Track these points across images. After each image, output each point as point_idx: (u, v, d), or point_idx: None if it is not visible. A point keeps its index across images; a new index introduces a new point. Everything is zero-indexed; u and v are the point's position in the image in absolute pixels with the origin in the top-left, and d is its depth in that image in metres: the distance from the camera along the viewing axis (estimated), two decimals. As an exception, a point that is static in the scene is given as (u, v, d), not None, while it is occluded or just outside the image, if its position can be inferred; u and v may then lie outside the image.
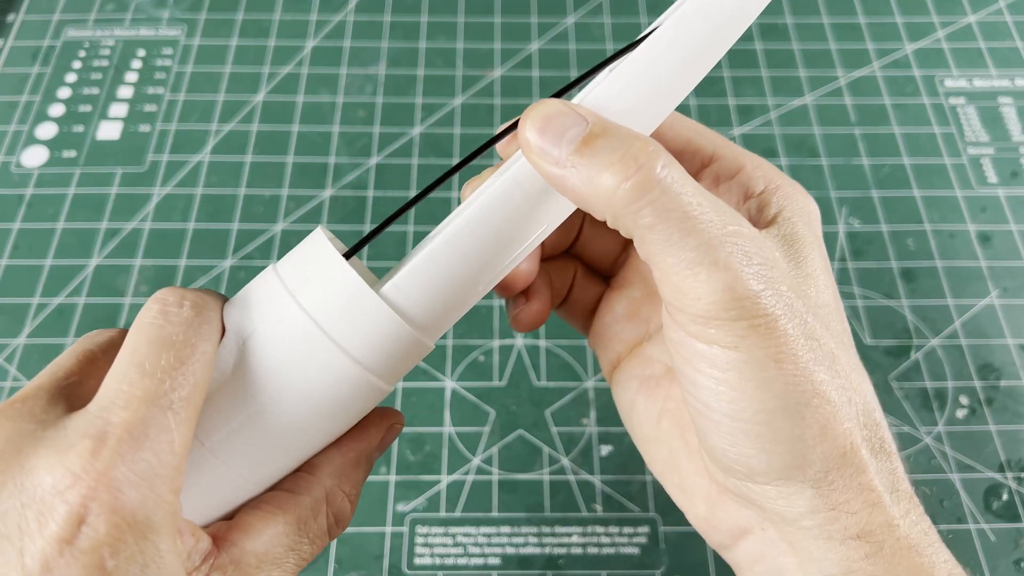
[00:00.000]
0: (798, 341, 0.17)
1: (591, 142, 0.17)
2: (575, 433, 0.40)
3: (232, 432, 0.18)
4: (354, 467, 0.20)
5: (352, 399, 0.19)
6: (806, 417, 0.17)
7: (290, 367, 0.18)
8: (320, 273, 0.18)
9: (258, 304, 0.18)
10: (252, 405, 0.18)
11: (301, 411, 0.18)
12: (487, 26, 0.54)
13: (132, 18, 0.54)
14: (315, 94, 0.51)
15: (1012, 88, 0.51)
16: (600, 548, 0.37)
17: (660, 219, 0.16)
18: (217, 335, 0.18)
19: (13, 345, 0.42)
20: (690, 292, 0.16)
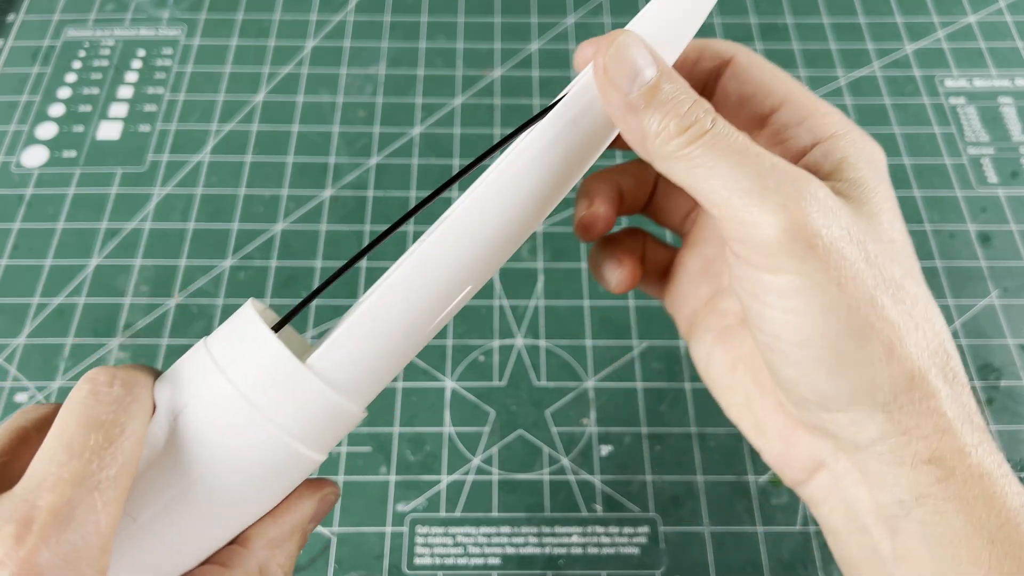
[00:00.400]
0: (858, 265, 0.17)
1: (659, 88, 0.18)
2: (575, 433, 0.40)
3: (164, 507, 0.18)
4: (288, 538, 0.20)
5: (283, 471, 0.19)
6: (871, 339, 0.17)
7: (221, 442, 0.18)
8: (249, 347, 0.19)
9: (189, 380, 0.19)
10: (183, 480, 0.18)
11: (233, 485, 0.18)
12: (487, 26, 0.54)
13: (132, 18, 0.54)
14: (315, 94, 0.51)
15: (1012, 88, 0.51)
16: (600, 548, 0.37)
17: (714, 157, 0.17)
18: (148, 412, 0.18)
19: (13, 345, 0.42)
20: (748, 220, 0.17)
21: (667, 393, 0.41)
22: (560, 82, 0.51)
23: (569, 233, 0.46)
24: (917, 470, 0.18)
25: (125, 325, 0.42)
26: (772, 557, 0.37)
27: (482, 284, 0.21)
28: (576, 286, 0.44)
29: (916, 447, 0.18)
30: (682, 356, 0.42)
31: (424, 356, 0.42)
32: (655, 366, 0.42)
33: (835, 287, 0.17)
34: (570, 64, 0.52)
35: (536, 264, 0.45)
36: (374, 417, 0.40)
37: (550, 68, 0.52)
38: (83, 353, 0.41)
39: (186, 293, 0.43)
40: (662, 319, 0.43)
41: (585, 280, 0.44)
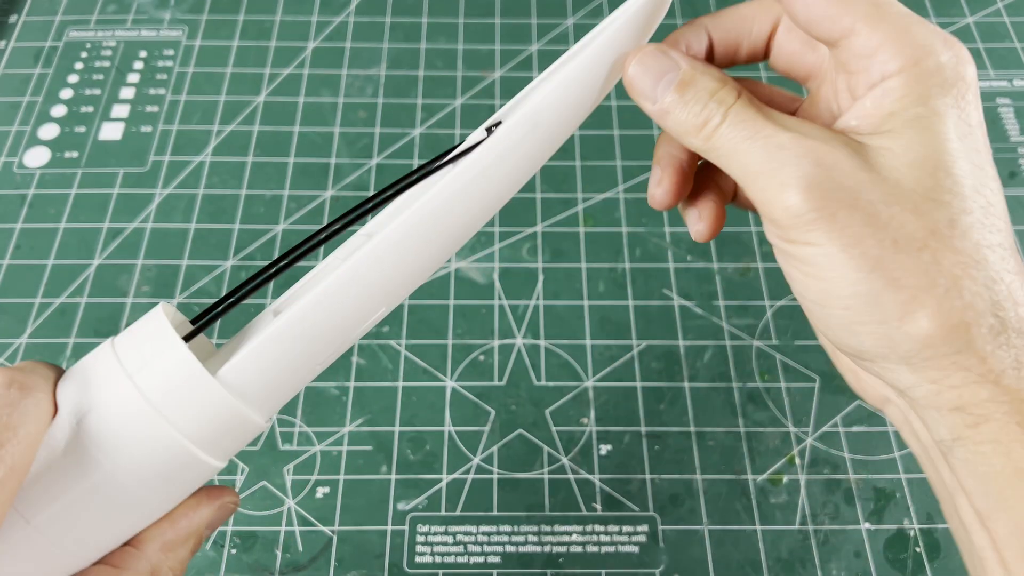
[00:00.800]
0: (865, 231, 0.18)
1: (684, 88, 0.20)
2: (575, 432, 0.40)
3: (60, 509, 0.18)
4: (182, 542, 0.20)
5: (182, 477, 0.19)
6: (883, 302, 0.19)
7: (125, 447, 0.18)
8: (157, 353, 0.19)
9: (95, 382, 0.19)
10: (82, 483, 0.18)
11: (131, 488, 0.18)
12: (487, 27, 0.54)
13: (134, 19, 0.54)
14: (316, 95, 0.51)
15: (1010, 89, 0.51)
16: (600, 547, 0.37)
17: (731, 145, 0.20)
18: (46, 415, 0.18)
19: (15, 345, 0.42)
20: (761, 200, 0.19)
21: (666, 392, 0.41)
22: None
23: (569, 233, 0.46)
24: (952, 415, 0.19)
25: (127, 325, 0.43)
26: (771, 556, 0.37)
27: (395, 306, 0.21)
28: (576, 286, 0.44)
29: (948, 396, 0.19)
30: (681, 355, 0.42)
31: (424, 356, 0.42)
32: (654, 366, 0.42)
33: (843, 255, 0.18)
34: (570, 65, 0.52)
35: (536, 264, 0.45)
36: (375, 417, 0.40)
37: (550, 69, 0.52)
38: (85, 353, 0.42)
39: (188, 293, 0.44)
40: (661, 319, 0.43)
41: (585, 280, 0.44)
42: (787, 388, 0.41)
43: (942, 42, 0.20)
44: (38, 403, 0.18)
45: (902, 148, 0.19)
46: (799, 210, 0.19)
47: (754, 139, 0.19)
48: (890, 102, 0.19)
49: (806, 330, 0.43)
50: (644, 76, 0.21)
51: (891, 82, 0.19)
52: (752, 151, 0.19)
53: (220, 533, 0.37)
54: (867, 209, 0.19)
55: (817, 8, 0.20)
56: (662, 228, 0.46)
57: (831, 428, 0.40)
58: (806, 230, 0.19)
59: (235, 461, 0.39)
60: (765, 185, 0.19)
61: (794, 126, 0.20)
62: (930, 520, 0.38)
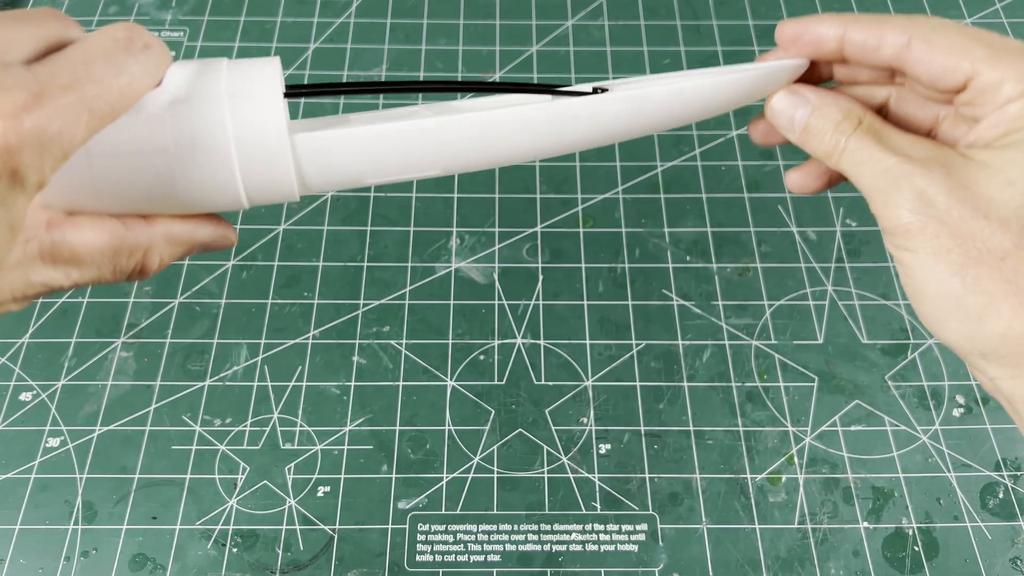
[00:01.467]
0: (952, 242, 0.21)
1: (811, 126, 0.24)
2: (574, 432, 0.40)
3: (116, 160, 0.21)
4: (181, 242, 0.23)
5: (215, 193, 0.22)
6: (965, 303, 0.21)
7: (190, 144, 0.21)
8: (257, 95, 0.21)
9: (200, 82, 0.21)
10: (145, 152, 0.21)
11: (176, 178, 0.21)
12: (487, 28, 0.54)
13: (135, 20, 0.54)
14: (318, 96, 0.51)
15: (1009, 90, 0.51)
16: (599, 545, 0.37)
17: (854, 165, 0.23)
18: (153, 80, 0.20)
19: (17, 344, 0.42)
20: (876, 214, 0.23)
21: (665, 392, 0.41)
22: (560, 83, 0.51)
23: (569, 233, 0.46)
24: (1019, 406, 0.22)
25: (128, 325, 0.43)
26: (769, 555, 0.37)
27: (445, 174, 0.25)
28: (575, 286, 0.44)
29: (1018, 391, 0.22)
30: (680, 355, 0.42)
31: (425, 355, 0.42)
32: (653, 365, 0.42)
33: (932, 262, 0.22)
34: (569, 65, 0.52)
35: (536, 264, 0.45)
36: (376, 416, 0.40)
37: (550, 70, 0.52)
38: (87, 353, 0.42)
39: (189, 293, 0.44)
40: (660, 319, 0.43)
41: (584, 280, 0.45)
42: (786, 388, 0.41)
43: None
44: (151, 65, 0.20)
45: (1002, 165, 0.21)
46: (895, 223, 0.22)
47: (866, 164, 0.23)
48: (1005, 123, 0.22)
49: (805, 330, 0.43)
50: (782, 114, 0.25)
51: (1011, 106, 0.21)
52: (865, 174, 0.23)
53: (222, 532, 0.37)
54: (955, 223, 0.21)
55: (936, 64, 0.22)
56: (661, 228, 0.46)
57: (830, 427, 0.40)
58: (905, 240, 0.22)
59: (236, 461, 0.39)
60: (875, 200, 0.23)
61: (903, 148, 0.23)
62: (928, 519, 0.38)
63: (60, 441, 0.40)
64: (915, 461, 0.39)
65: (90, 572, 0.37)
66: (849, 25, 0.24)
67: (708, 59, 0.53)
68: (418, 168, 0.24)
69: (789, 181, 0.28)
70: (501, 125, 0.24)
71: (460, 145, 0.24)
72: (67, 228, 0.21)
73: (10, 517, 0.38)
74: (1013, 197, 0.21)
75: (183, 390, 0.41)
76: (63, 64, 0.18)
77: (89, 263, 0.21)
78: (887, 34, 0.23)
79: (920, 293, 0.23)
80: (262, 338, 0.43)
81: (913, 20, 0.23)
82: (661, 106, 0.25)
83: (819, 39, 0.24)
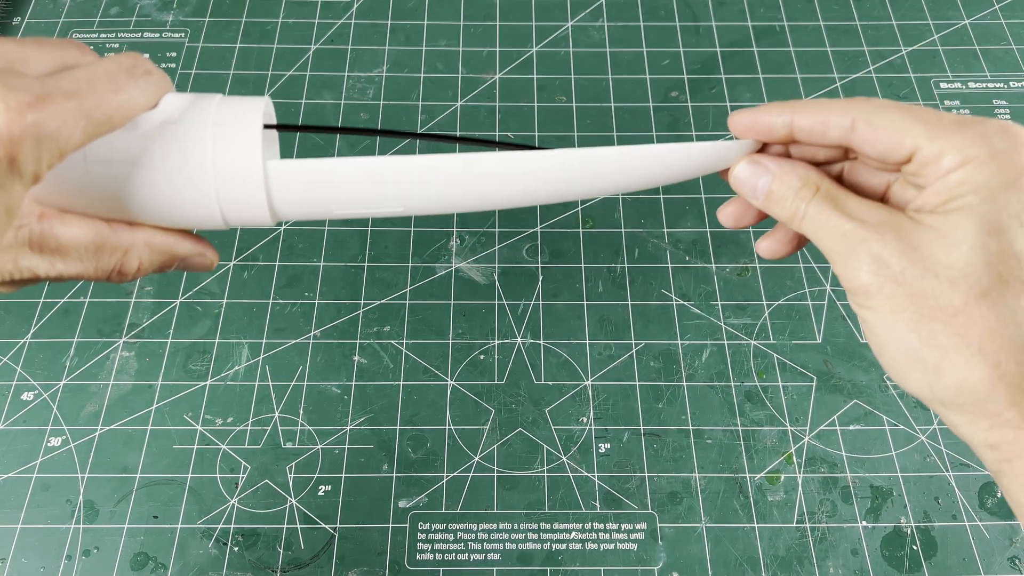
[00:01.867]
0: (906, 300, 0.23)
1: (772, 194, 0.26)
2: (574, 431, 0.40)
3: (108, 168, 0.23)
4: (162, 251, 0.25)
5: (193, 209, 0.24)
6: (922, 358, 0.23)
7: (174, 160, 0.23)
8: (238, 124, 0.23)
9: (192, 109, 0.24)
10: (134, 163, 0.23)
11: (159, 190, 0.23)
12: (487, 29, 0.54)
13: (136, 21, 0.54)
14: (318, 97, 0.51)
15: (1007, 91, 0.51)
16: (599, 544, 0.38)
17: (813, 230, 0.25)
18: (150, 101, 0.23)
19: (19, 344, 0.42)
20: (838, 274, 0.25)
21: (664, 391, 0.41)
22: (559, 84, 0.52)
23: (569, 233, 0.46)
24: (987, 449, 0.23)
25: (130, 324, 0.43)
26: (768, 553, 0.37)
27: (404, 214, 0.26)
28: (575, 286, 0.44)
29: (981, 435, 0.23)
30: (679, 355, 0.42)
31: (425, 355, 0.42)
32: (653, 365, 0.42)
33: (889, 318, 0.23)
34: (569, 66, 0.53)
35: (536, 264, 0.45)
36: (376, 415, 0.41)
37: (549, 71, 0.52)
38: (88, 352, 0.42)
39: (190, 293, 0.44)
40: (660, 318, 0.43)
41: (584, 280, 0.45)
42: (784, 387, 0.42)
43: (1000, 132, 0.23)
44: (149, 89, 0.23)
45: (946, 230, 0.23)
46: (855, 284, 0.24)
47: (825, 228, 0.25)
48: (947, 191, 0.23)
49: (803, 330, 0.43)
50: (745, 182, 0.27)
51: (952, 176, 0.23)
52: (825, 238, 0.25)
53: (223, 531, 0.38)
54: (909, 283, 0.23)
55: (880, 143, 0.24)
56: (661, 229, 0.46)
57: (828, 427, 0.41)
58: (865, 299, 0.24)
59: (238, 460, 0.39)
60: (835, 262, 0.24)
61: (858, 213, 0.24)
62: (927, 518, 0.38)
63: (62, 440, 0.40)
64: (913, 460, 0.40)
65: (91, 571, 0.37)
66: (795, 113, 0.25)
67: (707, 60, 0.53)
68: (381, 203, 0.25)
69: (760, 248, 0.29)
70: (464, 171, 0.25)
71: (420, 186, 0.25)
72: (56, 221, 0.23)
73: (12, 516, 0.38)
74: (959, 258, 0.23)
75: (184, 390, 0.41)
76: (69, 77, 0.20)
77: (73, 256, 0.23)
78: (831, 119, 0.25)
79: (882, 347, 0.24)
80: (263, 338, 0.43)
81: (854, 104, 0.25)
82: (618, 168, 0.26)
83: (769, 127, 0.26)
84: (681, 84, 0.52)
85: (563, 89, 0.52)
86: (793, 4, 0.56)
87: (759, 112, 0.26)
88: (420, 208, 0.26)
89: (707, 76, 0.52)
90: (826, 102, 0.25)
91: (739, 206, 0.29)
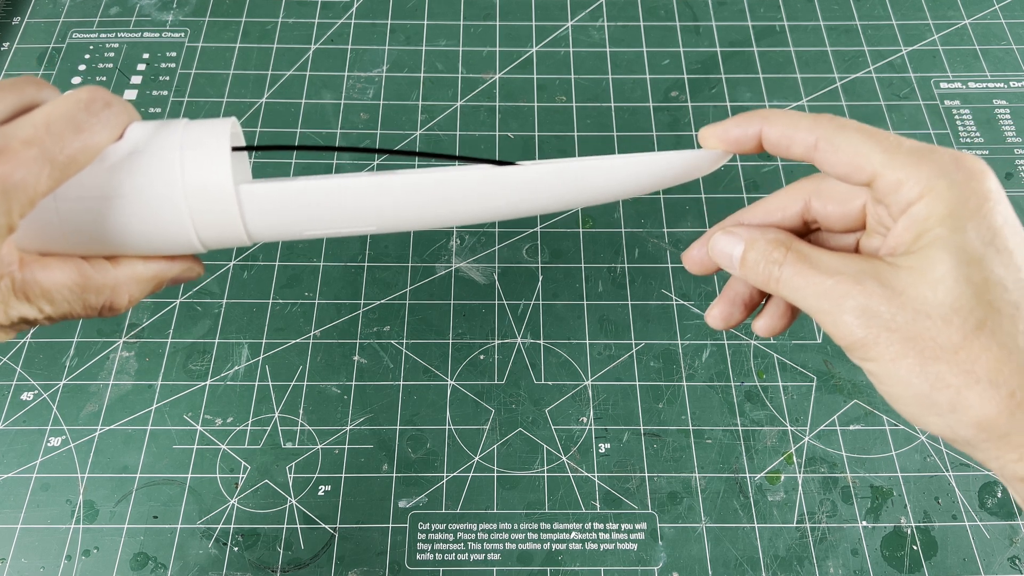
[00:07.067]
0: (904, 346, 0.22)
1: (745, 258, 0.26)
2: (574, 431, 0.40)
3: (79, 205, 0.23)
4: (148, 280, 0.25)
5: (170, 236, 0.24)
6: (935, 400, 0.22)
7: (145, 189, 0.23)
8: (207, 147, 0.23)
9: (157, 136, 0.23)
10: (106, 196, 0.23)
11: (133, 220, 0.23)
12: (487, 29, 0.54)
13: (136, 21, 0.54)
14: (318, 97, 0.51)
15: (1007, 90, 0.51)
16: (599, 544, 0.38)
17: (791, 291, 0.25)
18: (113, 134, 0.23)
19: (19, 344, 0.42)
20: (827, 332, 0.24)
21: (664, 391, 0.41)
22: (559, 84, 0.52)
23: (568, 233, 0.46)
24: (1018, 484, 0.23)
25: (130, 325, 0.43)
26: (768, 553, 0.37)
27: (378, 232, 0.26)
28: (575, 286, 0.44)
29: (1011, 468, 0.23)
30: (679, 355, 0.42)
31: (425, 355, 0.42)
32: (653, 365, 0.42)
33: (892, 367, 0.23)
34: (569, 66, 0.53)
35: (536, 264, 0.45)
36: (376, 415, 0.41)
37: (549, 71, 0.52)
38: (88, 352, 0.42)
39: (190, 293, 0.44)
40: (660, 318, 0.43)
41: (584, 280, 0.45)
42: (784, 387, 0.42)
43: (954, 163, 0.23)
44: (111, 122, 0.22)
45: (925, 267, 0.22)
46: (849, 340, 0.23)
47: (804, 288, 0.24)
48: (915, 224, 0.23)
49: (803, 330, 0.43)
50: (722, 253, 0.27)
51: (915, 208, 0.23)
52: (807, 298, 0.24)
53: (223, 531, 0.38)
54: (903, 328, 0.22)
55: (841, 165, 0.24)
56: (661, 229, 0.46)
57: (828, 427, 0.40)
58: (863, 352, 0.23)
59: (238, 460, 0.39)
60: (823, 322, 0.24)
61: (834, 267, 0.24)
62: (927, 518, 0.38)
63: (62, 440, 0.40)
64: (913, 460, 0.40)
65: (91, 571, 0.37)
66: (765, 123, 0.25)
67: (707, 60, 0.53)
68: (354, 223, 0.25)
69: (757, 328, 0.29)
70: (431, 189, 0.25)
71: (392, 206, 0.25)
72: (37, 267, 0.23)
73: (12, 516, 0.38)
74: (946, 294, 0.22)
75: (184, 390, 0.41)
76: (26, 123, 0.21)
77: (59, 299, 0.23)
78: (797, 134, 0.25)
79: (894, 397, 0.24)
80: (263, 338, 0.43)
81: (820, 122, 0.24)
82: (587, 180, 0.26)
83: (738, 139, 0.26)
84: (681, 84, 0.52)
85: (563, 89, 0.52)
86: (793, 4, 0.56)
87: (728, 126, 0.26)
88: (392, 227, 0.26)
89: (707, 76, 0.52)
90: (796, 117, 0.25)
91: (725, 305, 0.29)
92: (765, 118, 0.26)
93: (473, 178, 0.25)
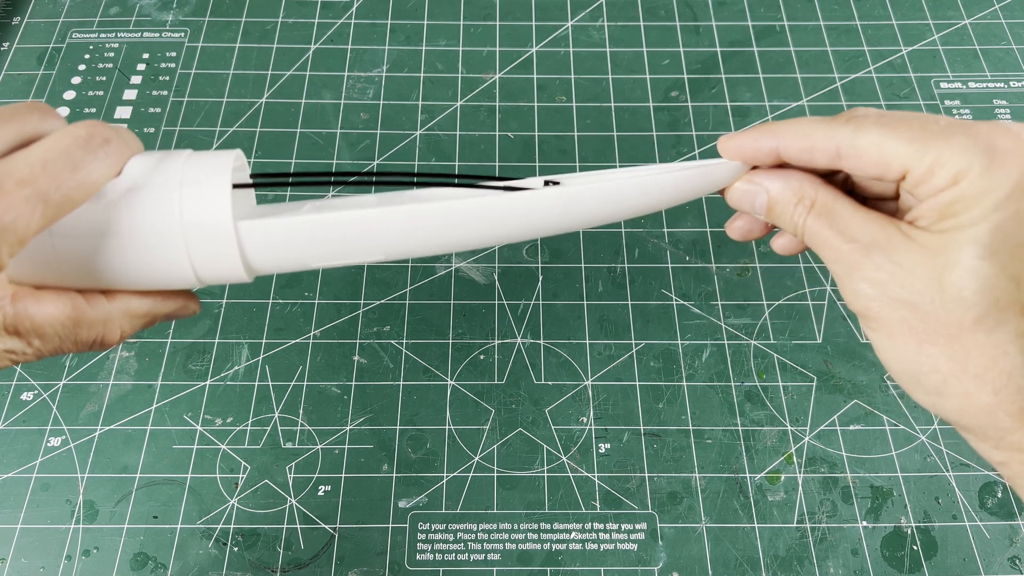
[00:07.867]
0: (904, 326, 0.23)
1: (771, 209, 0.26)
2: (574, 431, 0.40)
3: (75, 241, 0.22)
4: (142, 316, 0.25)
5: (167, 273, 0.23)
6: (924, 382, 0.23)
7: (143, 226, 0.22)
8: (208, 183, 0.23)
9: (157, 172, 0.23)
10: (102, 233, 0.22)
11: (130, 257, 0.23)
12: (487, 29, 0.54)
13: (136, 21, 0.54)
14: (318, 97, 0.51)
15: (1007, 91, 0.51)
16: (599, 544, 0.38)
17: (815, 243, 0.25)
18: (112, 171, 0.22)
19: (19, 344, 0.42)
20: (841, 292, 0.25)
21: (664, 391, 0.41)
22: (559, 84, 0.52)
23: (569, 233, 0.46)
24: (997, 465, 0.24)
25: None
26: (768, 553, 0.37)
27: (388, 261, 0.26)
28: (575, 286, 0.44)
29: (988, 453, 0.24)
30: (679, 355, 0.42)
31: (425, 355, 0.42)
32: (653, 365, 0.42)
33: (888, 341, 0.24)
34: (569, 66, 0.53)
35: (536, 264, 0.45)
36: (376, 415, 0.41)
37: (549, 71, 0.52)
38: (88, 353, 0.42)
39: (190, 293, 0.44)
40: (660, 318, 0.43)
41: (584, 280, 0.45)
42: (784, 387, 0.42)
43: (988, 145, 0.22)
44: (109, 159, 0.22)
45: (940, 251, 0.22)
46: (858, 307, 0.24)
47: (823, 248, 0.25)
48: (939, 208, 0.23)
49: (803, 330, 0.43)
50: (741, 202, 0.27)
51: (944, 194, 0.22)
52: (824, 257, 0.25)
53: (223, 531, 0.37)
54: (905, 307, 0.23)
55: (869, 168, 0.23)
56: (661, 229, 0.46)
57: (828, 427, 0.40)
58: (866, 321, 0.24)
59: (237, 460, 0.39)
60: (837, 281, 0.25)
61: (852, 232, 0.24)
62: (927, 518, 0.38)
63: (61, 440, 0.40)
64: (913, 460, 0.40)
65: (91, 571, 0.37)
66: (780, 139, 0.25)
67: (707, 59, 0.53)
68: (360, 254, 0.25)
69: (775, 246, 0.29)
70: (439, 217, 0.25)
71: (399, 235, 0.25)
72: (30, 301, 0.22)
73: (11, 516, 0.38)
74: (952, 284, 0.22)
75: (184, 390, 0.41)
76: (21, 162, 0.20)
77: (51, 334, 0.23)
78: (815, 148, 0.24)
79: (888, 366, 0.25)
80: (263, 338, 0.43)
81: (835, 127, 0.24)
82: (601, 203, 0.26)
83: (756, 152, 0.26)
84: (681, 84, 0.52)
85: (563, 89, 0.52)
86: (793, 4, 0.56)
87: (746, 138, 0.26)
88: (401, 254, 0.25)
89: (707, 76, 0.52)
90: (808, 128, 0.24)
91: (747, 219, 0.28)
92: (777, 134, 0.25)
93: (480, 206, 0.25)
